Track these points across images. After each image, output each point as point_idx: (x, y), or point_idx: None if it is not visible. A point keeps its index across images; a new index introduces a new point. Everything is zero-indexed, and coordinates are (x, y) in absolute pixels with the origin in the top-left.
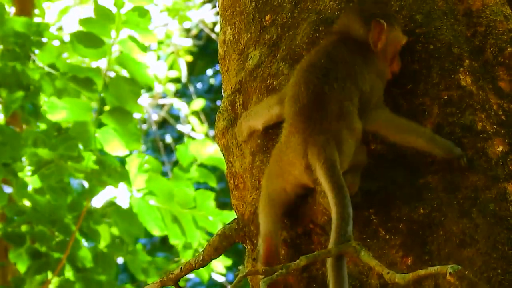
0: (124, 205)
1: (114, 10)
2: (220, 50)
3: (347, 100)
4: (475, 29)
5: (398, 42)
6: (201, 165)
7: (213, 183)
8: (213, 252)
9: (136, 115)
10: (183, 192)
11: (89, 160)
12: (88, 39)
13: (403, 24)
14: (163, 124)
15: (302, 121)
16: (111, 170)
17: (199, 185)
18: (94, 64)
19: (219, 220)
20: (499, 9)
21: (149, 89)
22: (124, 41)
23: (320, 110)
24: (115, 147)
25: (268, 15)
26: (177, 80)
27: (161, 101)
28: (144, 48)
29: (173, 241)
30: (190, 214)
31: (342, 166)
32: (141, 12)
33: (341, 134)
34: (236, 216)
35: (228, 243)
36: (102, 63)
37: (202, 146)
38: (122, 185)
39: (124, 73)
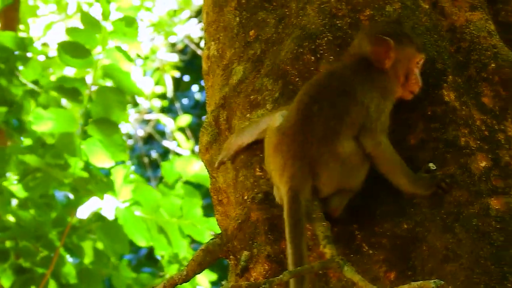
0: (110, 216)
1: (101, 19)
2: (204, 66)
3: (337, 118)
4: (458, 45)
5: (410, 59)
6: (187, 182)
7: (198, 201)
8: (197, 267)
9: (122, 129)
10: (169, 201)
11: (76, 168)
12: (75, 49)
13: None
14: (148, 140)
15: (286, 143)
16: (98, 180)
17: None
18: (80, 74)
19: (207, 228)
20: (482, 25)
21: (135, 104)
22: (110, 51)
23: (304, 133)
24: (101, 158)
25: (252, 31)
26: (163, 96)
27: (147, 117)
28: (131, 58)
29: (159, 252)
30: (177, 224)
31: (322, 192)
32: (128, 22)
33: (320, 159)
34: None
35: (212, 258)
36: (88, 73)
37: (187, 163)
38: (107, 196)
39: (110, 83)
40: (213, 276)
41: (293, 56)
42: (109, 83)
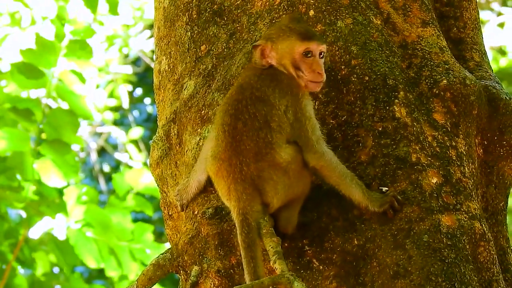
0: (61, 236)
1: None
2: (155, 80)
3: (264, 127)
4: (410, 61)
5: (291, 50)
6: (138, 194)
7: (149, 212)
8: (147, 281)
9: (74, 147)
10: (120, 224)
11: (28, 190)
12: (29, 70)
13: (338, 55)
14: (101, 152)
15: (224, 169)
16: (50, 201)
17: (136, 214)
18: (33, 94)
19: (158, 253)
20: (434, 41)
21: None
22: (64, 73)
23: (238, 154)
24: (53, 177)
25: (204, 45)
26: (115, 109)
27: (99, 129)
28: (84, 80)
29: (109, 273)
30: (127, 247)
31: (272, 205)
32: (82, 45)
33: (262, 176)
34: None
35: (162, 273)
36: (41, 93)
37: (138, 175)
38: (59, 215)
39: (63, 104)
40: None
41: None
42: (62, 103)
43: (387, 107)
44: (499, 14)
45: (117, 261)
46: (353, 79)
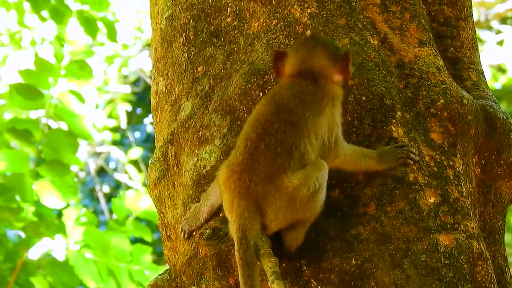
0: (60, 257)
1: (53, 61)
2: (153, 101)
3: (285, 155)
4: (407, 81)
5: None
6: (137, 219)
7: (148, 237)
8: None
9: (74, 167)
10: (119, 246)
11: (27, 211)
12: (27, 91)
13: None
14: (100, 172)
15: (233, 181)
16: (49, 223)
17: (136, 238)
18: (32, 115)
19: (156, 274)
20: (431, 61)
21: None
22: (63, 94)
23: (250, 171)
24: (52, 198)
25: (201, 66)
26: (115, 129)
27: (99, 149)
28: (83, 100)
29: None
30: (126, 268)
31: (270, 228)
32: (81, 65)
33: (266, 198)
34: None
35: None
36: (40, 114)
37: (137, 199)
38: (58, 236)
39: (62, 124)
40: None
41: (241, 91)
42: (61, 124)
43: (384, 127)
44: (498, 32)
45: (116, 282)
46: (350, 99)
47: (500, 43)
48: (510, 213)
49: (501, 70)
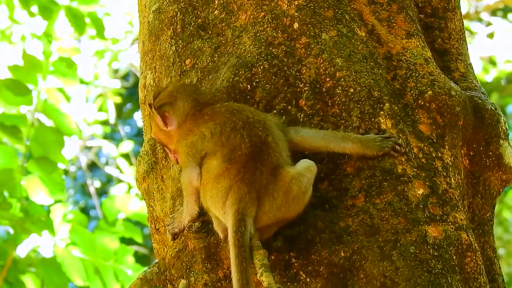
0: (48, 254)
1: (42, 57)
2: (141, 95)
3: (283, 151)
4: (395, 72)
5: None
6: (127, 219)
7: (139, 238)
8: None
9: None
10: (104, 245)
11: (15, 208)
12: (15, 87)
13: (323, 68)
14: (91, 166)
15: (236, 168)
16: (35, 219)
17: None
18: (21, 110)
19: None
20: (419, 52)
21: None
22: (50, 90)
23: (258, 161)
24: (40, 195)
25: (188, 59)
26: (105, 124)
27: (89, 143)
28: (69, 98)
29: None
30: (112, 267)
31: (259, 221)
32: (68, 63)
33: (267, 188)
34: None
35: (150, 287)
36: (28, 110)
37: (128, 199)
38: (46, 233)
39: (49, 122)
40: None
41: (229, 84)
42: (48, 121)
43: (373, 119)
44: (488, 24)
45: (101, 281)
46: (338, 91)
47: (491, 35)
48: (499, 205)
49: (492, 62)
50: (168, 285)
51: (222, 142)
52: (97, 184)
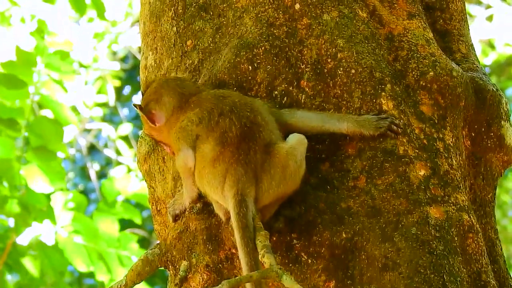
0: (50, 241)
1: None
2: (142, 76)
3: (274, 129)
4: (396, 53)
5: None
6: (127, 200)
7: (138, 219)
8: (136, 277)
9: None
10: (107, 232)
11: (15, 200)
12: (10, 81)
13: (324, 48)
14: (91, 149)
15: (229, 150)
16: (36, 210)
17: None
18: (17, 103)
19: None
20: (420, 33)
21: (76, 113)
22: (46, 82)
23: (250, 141)
24: (40, 183)
25: (190, 40)
26: (105, 105)
27: (88, 126)
28: (66, 90)
29: (99, 277)
30: (116, 253)
31: (261, 200)
32: (63, 55)
33: (264, 166)
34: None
35: (151, 268)
36: (25, 103)
37: (127, 181)
38: (47, 221)
39: (47, 113)
40: None
41: (231, 65)
42: (46, 112)
43: (374, 100)
44: (488, 7)
45: (106, 266)
46: (339, 72)
47: (490, 18)
48: (498, 189)
49: (491, 45)
50: (170, 266)
51: (212, 127)
52: (96, 167)
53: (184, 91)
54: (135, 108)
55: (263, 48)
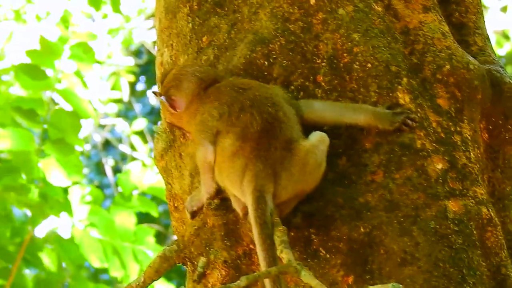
0: (66, 235)
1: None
2: (158, 72)
3: (295, 124)
4: (412, 47)
5: None
6: (143, 194)
7: (155, 212)
8: (154, 273)
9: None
10: (123, 226)
11: (33, 192)
12: (33, 71)
13: (340, 43)
14: (106, 145)
15: (250, 145)
16: (54, 202)
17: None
18: (37, 94)
19: None
20: (436, 26)
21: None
22: (67, 75)
23: (271, 137)
24: (58, 176)
25: (205, 36)
26: (119, 101)
27: (103, 122)
28: (86, 85)
29: (113, 273)
30: (131, 248)
31: (279, 197)
32: (85, 49)
33: (283, 163)
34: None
35: (169, 265)
36: (45, 94)
37: (143, 174)
38: (64, 214)
39: (67, 105)
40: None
41: (246, 61)
42: (66, 104)
43: (390, 94)
44: None
45: (120, 261)
46: (355, 66)
47: (504, 9)
48: None
49: (505, 36)
50: (188, 262)
51: (232, 122)
52: (111, 162)
53: (203, 76)
54: (155, 96)
55: (278, 43)
